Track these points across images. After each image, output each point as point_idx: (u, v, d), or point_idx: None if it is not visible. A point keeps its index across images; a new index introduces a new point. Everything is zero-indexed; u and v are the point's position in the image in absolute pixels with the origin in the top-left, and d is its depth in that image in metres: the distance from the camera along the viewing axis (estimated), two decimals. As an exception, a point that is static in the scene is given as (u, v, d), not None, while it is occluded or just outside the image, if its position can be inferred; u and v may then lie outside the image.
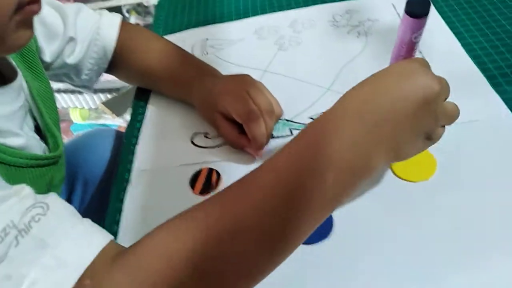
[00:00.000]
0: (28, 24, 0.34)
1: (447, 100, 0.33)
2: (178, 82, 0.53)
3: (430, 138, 0.33)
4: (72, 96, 1.54)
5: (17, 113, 0.40)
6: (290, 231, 0.28)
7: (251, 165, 0.46)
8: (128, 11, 1.37)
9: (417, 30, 0.38)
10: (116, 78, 0.63)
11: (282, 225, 0.28)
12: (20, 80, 0.41)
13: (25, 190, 0.29)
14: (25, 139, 0.40)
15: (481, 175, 0.40)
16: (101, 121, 1.51)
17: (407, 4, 0.38)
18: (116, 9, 1.34)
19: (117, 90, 1.47)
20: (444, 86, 0.32)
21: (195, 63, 0.54)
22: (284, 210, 0.28)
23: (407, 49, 0.40)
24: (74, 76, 0.57)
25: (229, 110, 0.45)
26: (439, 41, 0.55)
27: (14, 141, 0.38)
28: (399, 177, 0.41)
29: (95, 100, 1.53)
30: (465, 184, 0.40)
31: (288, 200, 0.28)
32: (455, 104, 0.34)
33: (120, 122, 1.46)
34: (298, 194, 0.28)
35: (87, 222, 0.30)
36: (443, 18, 0.59)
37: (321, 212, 0.29)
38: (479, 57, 0.52)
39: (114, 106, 1.39)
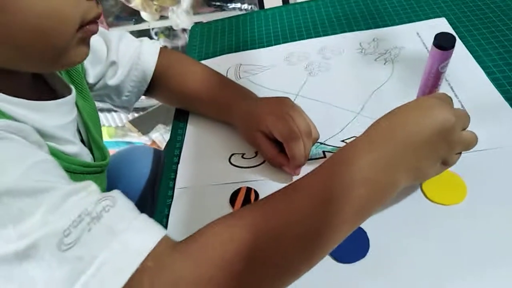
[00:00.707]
0: (86, 43, 0.38)
1: (467, 129, 0.38)
2: (219, 103, 0.56)
3: (446, 163, 0.38)
4: (101, 114, 1.60)
5: (71, 124, 0.44)
6: (326, 233, 0.33)
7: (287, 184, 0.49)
8: (156, 34, 1.43)
9: (444, 61, 0.42)
10: (143, 98, 0.67)
11: (319, 228, 0.32)
12: (74, 96, 0.45)
13: (92, 185, 0.33)
14: (79, 148, 0.44)
15: (508, 198, 0.42)
16: (127, 139, 1.56)
17: (435, 38, 0.42)
18: (145, 32, 1.40)
19: (143, 109, 1.53)
20: (460, 118, 0.37)
21: (234, 86, 0.58)
22: (320, 215, 0.32)
23: (435, 78, 0.44)
24: (115, 97, 0.61)
25: (271, 129, 0.48)
26: (466, 72, 0.57)
27: (69, 149, 0.42)
28: (432, 201, 0.43)
29: (122, 118, 1.58)
30: (495, 207, 0.42)
31: (325, 207, 0.33)
32: (473, 133, 0.38)
33: (145, 140, 1.51)
34: (333, 203, 0.33)
35: (146, 216, 0.33)
36: (468, 49, 0.61)
37: (352, 220, 0.34)
38: (503, 86, 0.54)
39: (140, 125, 1.44)
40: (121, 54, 0.57)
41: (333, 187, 0.33)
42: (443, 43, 0.42)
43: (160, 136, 1.49)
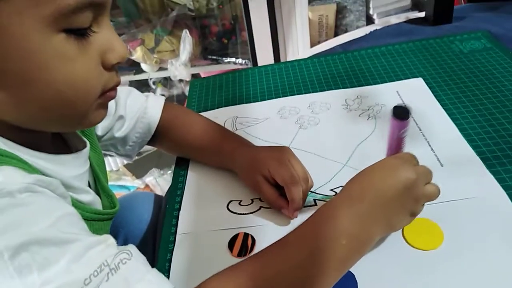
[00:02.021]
0: (105, 106, 0.43)
1: (430, 183, 0.43)
2: (221, 152, 0.61)
3: (414, 214, 0.43)
4: (96, 159, 1.63)
5: (84, 175, 0.48)
6: (316, 280, 0.37)
7: (281, 230, 0.53)
8: (154, 83, 1.50)
9: (403, 129, 0.47)
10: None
11: (308, 277, 0.37)
12: (89, 149, 0.49)
13: (110, 239, 0.36)
14: (92, 196, 0.48)
15: (481, 243, 0.47)
16: (121, 183, 1.58)
17: (393, 110, 0.47)
18: (144, 82, 1.47)
19: (138, 154, 1.56)
20: (422, 174, 0.42)
21: (234, 136, 0.63)
22: (309, 266, 0.37)
23: (397, 143, 0.49)
24: (119, 147, 0.65)
25: (273, 174, 0.53)
26: (440, 128, 0.63)
27: (83, 197, 0.45)
28: (412, 246, 0.47)
29: (118, 162, 1.61)
30: (469, 252, 0.46)
31: (311, 259, 0.38)
32: (435, 186, 0.44)
33: (139, 184, 1.53)
34: (319, 254, 0.37)
35: (156, 270, 0.37)
36: (443, 106, 0.67)
37: (337, 270, 0.39)
38: (475, 141, 0.60)
39: (134, 169, 1.47)
40: (128, 109, 0.62)
41: (319, 239, 0.38)
42: (400, 115, 0.47)
43: (154, 180, 1.53)
